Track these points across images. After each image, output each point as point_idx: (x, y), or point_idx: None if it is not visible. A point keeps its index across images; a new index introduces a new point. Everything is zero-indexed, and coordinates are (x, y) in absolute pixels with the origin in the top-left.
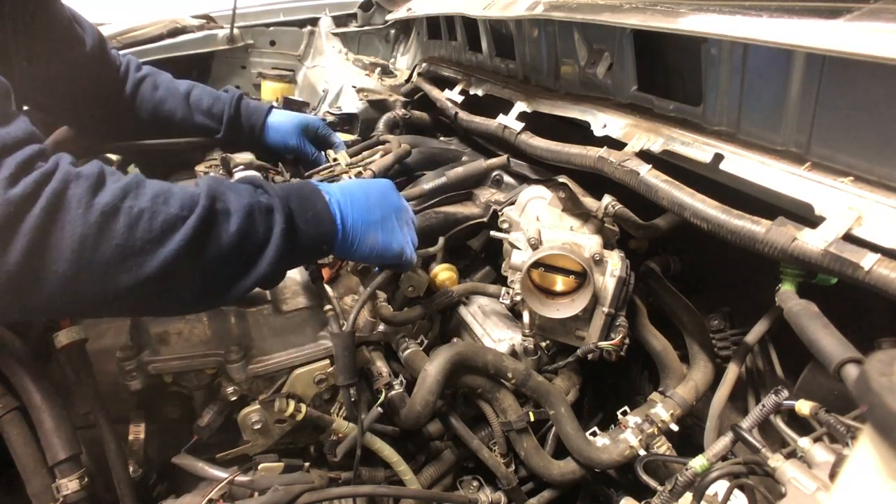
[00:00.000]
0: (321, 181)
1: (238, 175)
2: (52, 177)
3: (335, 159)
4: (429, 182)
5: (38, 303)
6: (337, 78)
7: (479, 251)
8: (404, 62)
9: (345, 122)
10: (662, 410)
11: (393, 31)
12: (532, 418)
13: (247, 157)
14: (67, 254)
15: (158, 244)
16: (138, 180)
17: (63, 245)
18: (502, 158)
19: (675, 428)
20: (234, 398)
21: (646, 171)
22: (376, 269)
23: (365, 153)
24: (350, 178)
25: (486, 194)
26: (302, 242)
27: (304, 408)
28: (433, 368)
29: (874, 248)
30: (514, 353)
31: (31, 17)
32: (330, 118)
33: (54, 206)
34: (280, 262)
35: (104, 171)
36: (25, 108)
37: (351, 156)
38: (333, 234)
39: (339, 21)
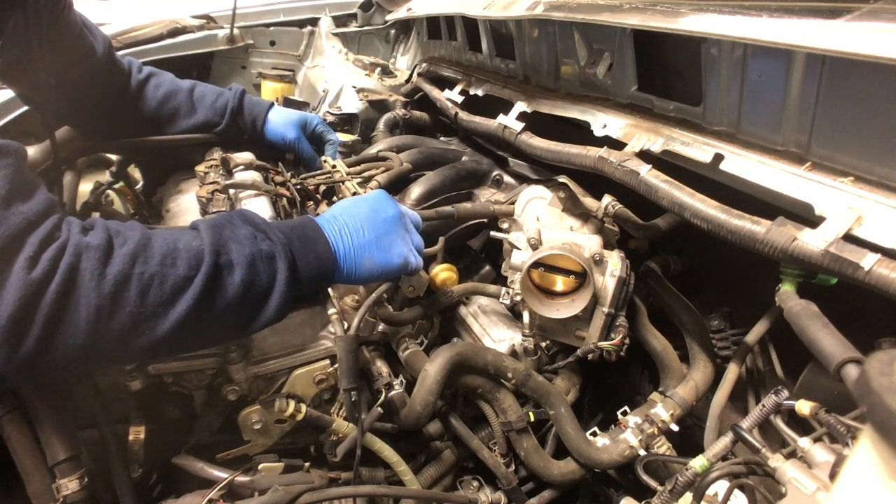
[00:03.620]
0: (318, 184)
1: (238, 175)
2: (64, 250)
3: (333, 166)
4: (432, 202)
5: (56, 371)
6: (337, 78)
7: (479, 251)
8: (404, 62)
9: (345, 122)
10: (662, 410)
11: (393, 31)
12: (532, 418)
13: (247, 157)
14: (83, 325)
15: (170, 306)
16: (144, 241)
17: (79, 318)
18: (510, 207)
19: (675, 428)
20: (234, 398)
21: (646, 171)
22: None
23: (363, 166)
24: (350, 186)
25: (486, 194)
26: (304, 284)
27: (304, 408)
28: (433, 368)
29: (874, 248)
30: (514, 353)
31: (46, 28)
32: (330, 118)
33: (69, 282)
34: (285, 306)
35: (111, 236)
36: (27, 108)
37: (349, 165)
38: (333, 271)
39: (339, 21)
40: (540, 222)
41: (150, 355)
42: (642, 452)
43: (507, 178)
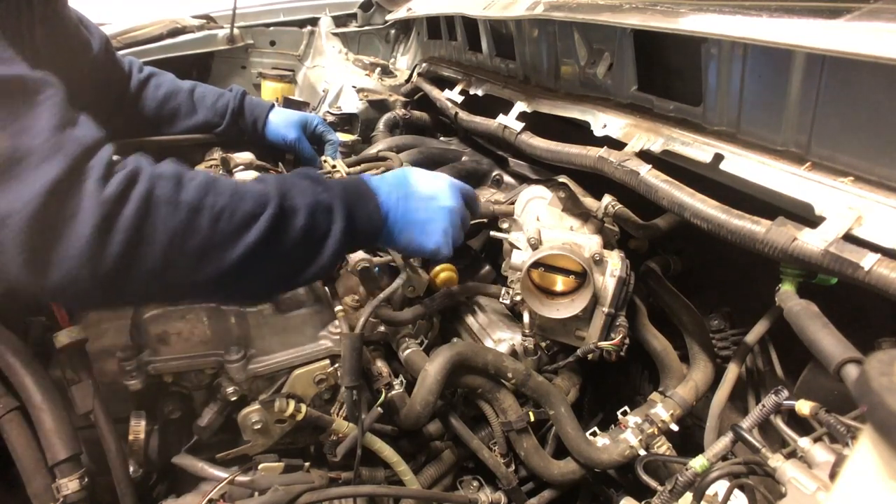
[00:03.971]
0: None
1: (238, 175)
2: (138, 177)
3: (333, 166)
4: None
5: (129, 295)
6: (337, 78)
7: (479, 251)
8: (404, 62)
9: (345, 122)
10: (662, 410)
11: (393, 31)
12: (532, 418)
13: (247, 156)
14: (159, 249)
15: (238, 238)
16: (212, 178)
17: (155, 241)
18: (510, 207)
19: (675, 428)
20: (234, 398)
21: (646, 171)
22: (376, 269)
23: (363, 166)
24: None
25: (486, 194)
26: (357, 238)
27: (304, 408)
28: (433, 368)
29: (874, 248)
30: (514, 353)
31: (39, 21)
32: (330, 118)
33: (146, 205)
34: (338, 254)
35: (181, 169)
36: None
37: (349, 165)
38: (380, 231)
39: (339, 21)
40: (540, 222)
41: (212, 289)
42: (642, 452)
43: (507, 178)
